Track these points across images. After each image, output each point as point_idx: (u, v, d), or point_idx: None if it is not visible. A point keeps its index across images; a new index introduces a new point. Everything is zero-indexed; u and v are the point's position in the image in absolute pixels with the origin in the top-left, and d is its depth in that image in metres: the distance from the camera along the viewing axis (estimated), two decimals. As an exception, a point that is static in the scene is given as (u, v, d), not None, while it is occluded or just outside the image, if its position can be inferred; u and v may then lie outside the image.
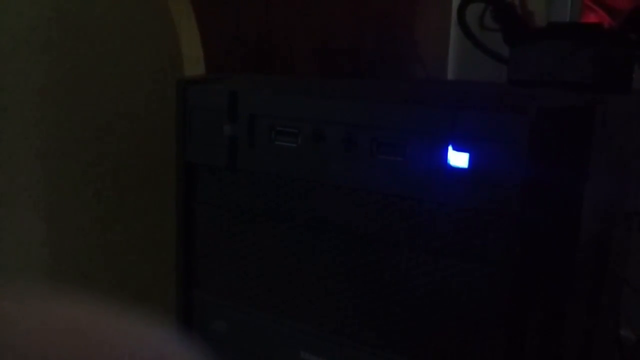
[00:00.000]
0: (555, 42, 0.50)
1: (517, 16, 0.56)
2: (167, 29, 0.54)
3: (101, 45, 0.56)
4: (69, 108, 0.57)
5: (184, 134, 0.47)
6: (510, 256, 0.33)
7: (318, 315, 0.42)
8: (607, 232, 0.38)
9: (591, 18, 0.83)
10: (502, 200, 0.33)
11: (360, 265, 0.39)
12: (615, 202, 0.38)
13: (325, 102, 0.39)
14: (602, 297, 0.40)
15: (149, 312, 0.17)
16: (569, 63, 0.50)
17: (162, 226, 0.54)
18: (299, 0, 0.62)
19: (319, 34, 0.65)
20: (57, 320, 0.16)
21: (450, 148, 0.34)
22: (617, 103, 0.38)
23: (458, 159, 0.34)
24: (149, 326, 0.17)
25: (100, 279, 0.59)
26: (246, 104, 0.43)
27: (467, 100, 0.36)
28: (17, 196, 0.57)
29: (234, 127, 0.44)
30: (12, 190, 0.57)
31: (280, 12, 0.60)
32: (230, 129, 0.44)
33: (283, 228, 0.43)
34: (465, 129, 0.33)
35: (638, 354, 0.43)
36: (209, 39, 0.54)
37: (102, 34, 0.55)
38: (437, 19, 0.81)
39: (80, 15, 0.55)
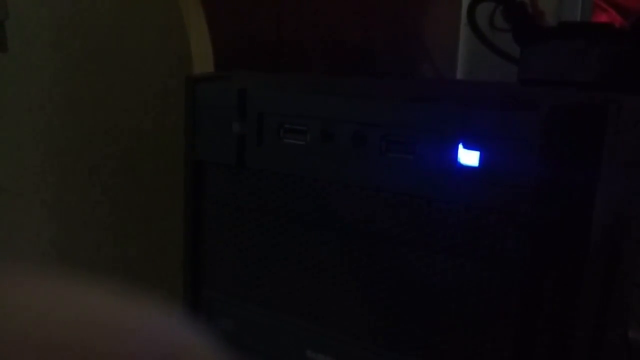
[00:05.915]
0: (566, 42, 0.50)
1: (527, 16, 0.56)
2: (176, 26, 0.53)
3: (109, 43, 0.56)
4: (78, 107, 0.57)
5: (193, 132, 0.47)
6: (520, 256, 0.33)
7: (325, 314, 0.42)
8: (619, 233, 0.38)
9: (602, 17, 0.82)
10: (512, 198, 0.32)
11: (368, 264, 0.39)
12: (628, 202, 0.38)
13: (334, 100, 0.39)
14: (612, 299, 0.39)
15: (156, 308, 0.17)
16: (580, 63, 0.49)
17: (169, 224, 0.54)
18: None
19: (329, 32, 0.65)
20: (62, 311, 0.16)
21: (460, 146, 0.34)
22: (629, 103, 0.38)
23: (468, 157, 0.33)
24: (158, 318, 0.17)
25: (107, 276, 0.59)
26: (255, 102, 0.43)
27: (477, 98, 0.36)
28: (25, 195, 0.57)
29: (242, 125, 0.43)
30: (20, 189, 0.57)
31: (289, 9, 0.60)
32: (239, 126, 0.44)
33: (291, 226, 0.42)
34: (476, 127, 0.33)
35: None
36: (218, 36, 0.54)
37: (110, 31, 0.55)
38: (447, 18, 0.80)
39: (89, 13, 0.55)
